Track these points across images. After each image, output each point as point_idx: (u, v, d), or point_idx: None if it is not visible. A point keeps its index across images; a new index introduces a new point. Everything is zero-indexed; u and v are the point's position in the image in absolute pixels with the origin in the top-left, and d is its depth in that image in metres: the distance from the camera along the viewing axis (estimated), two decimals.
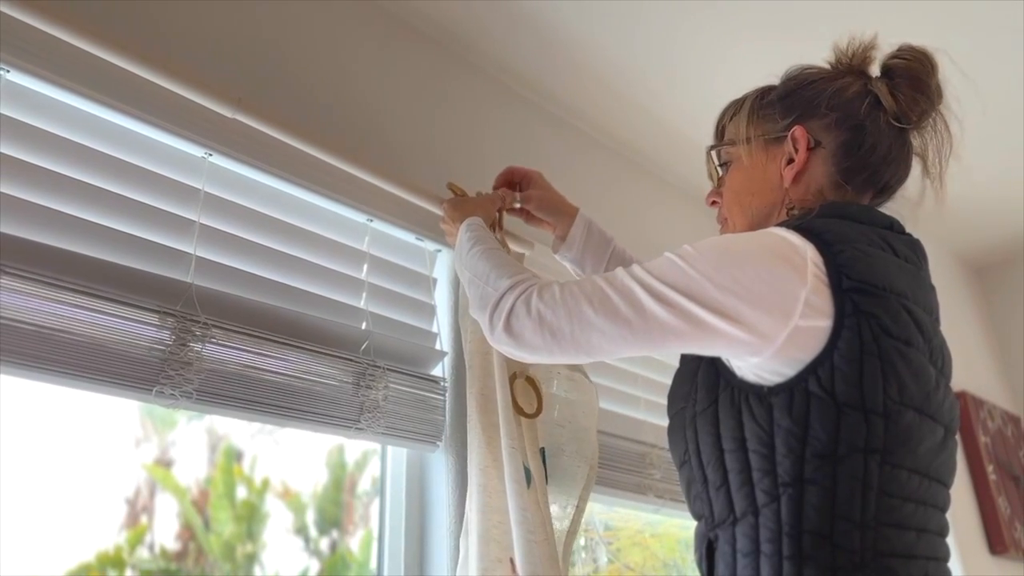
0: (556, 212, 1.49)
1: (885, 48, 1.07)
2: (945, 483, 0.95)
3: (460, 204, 1.42)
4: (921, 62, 1.04)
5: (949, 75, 1.06)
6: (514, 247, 1.63)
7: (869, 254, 0.91)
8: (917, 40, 1.05)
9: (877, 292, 0.88)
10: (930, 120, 1.06)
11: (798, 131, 1.04)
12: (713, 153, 1.16)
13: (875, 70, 1.08)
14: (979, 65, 2.10)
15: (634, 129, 2.22)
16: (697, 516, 0.98)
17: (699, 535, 0.98)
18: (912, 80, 1.04)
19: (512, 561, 1.26)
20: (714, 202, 1.17)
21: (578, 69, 1.99)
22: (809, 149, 1.04)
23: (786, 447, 0.86)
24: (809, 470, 0.85)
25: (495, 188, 1.52)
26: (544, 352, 1.01)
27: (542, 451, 1.41)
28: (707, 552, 0.95)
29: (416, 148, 1.71)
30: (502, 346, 1.05)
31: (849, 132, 1.04)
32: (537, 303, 1.01)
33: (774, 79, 1.13)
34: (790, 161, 1.05)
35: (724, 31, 1.91)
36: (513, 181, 1.53)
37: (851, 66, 1.08)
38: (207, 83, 1.29)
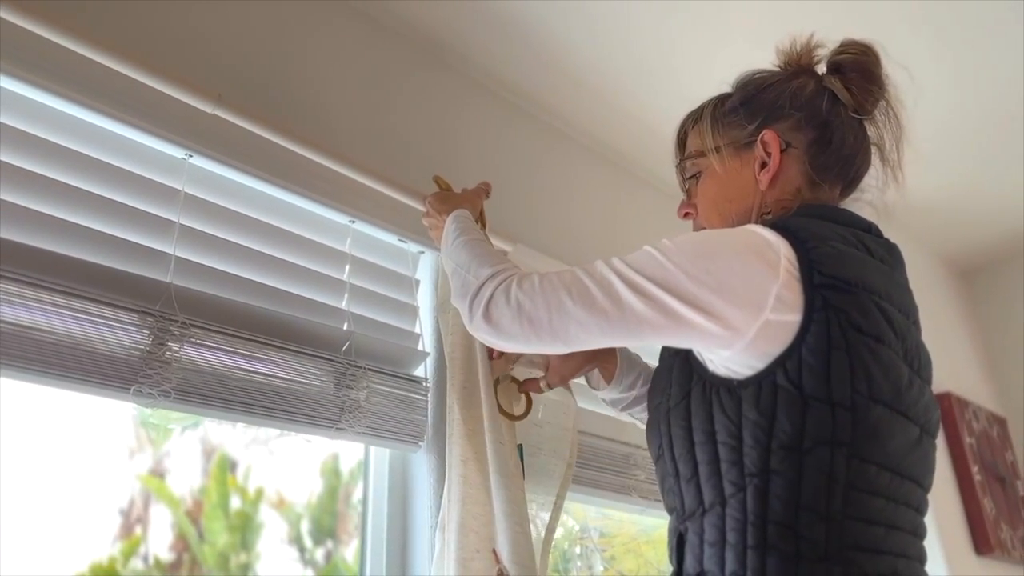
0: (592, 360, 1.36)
1: (828, 45, 1.10)
2: (920, 483, 0.95)
3: (446, 198, 1.43)
4: (867, 54, 1.07)
5: (937, 81, 1.08)
6: (497, 243, 1.63)
7: (842, 252, 0.93)
8: (918, 42, 1.07)
9: (848, 288, 0.89)
10: (881, 109, 1.09)
11: (768, 135, 1.06)
12: (681, 166, 1.17)
13: (822, 68, 1.11)
14: (970, 70, 2.13)
15: (610, 127, 2.23)
16: (670, 510, 1.00)
17: (671, 529, 0.99)
18: (863, 72, 1.07)
19: (495, 552, 1.26)
20: (687, 214, 1.17)
21: (555, 69, 2.01)
22: (781, 151, 1.05)
23: (753, 438, 0.88)
24: (775, 461, 0.86)
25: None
26: (522, 340, 1.02)
27: (519, 448, 1.41)
28: (677, 544, 0.96)
29: (398, 149, 1.72)
30: (481, 334, 1.07)
31: (817, 130, 1.06)
32: (516, 292, 1.02)
33: (727, 87, 1.15)
34: (763, 165, 1.06)
35: (700, 30, 1.93)
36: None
37: (801, 66, 1.11)
38: (187, 80, 1.29)
